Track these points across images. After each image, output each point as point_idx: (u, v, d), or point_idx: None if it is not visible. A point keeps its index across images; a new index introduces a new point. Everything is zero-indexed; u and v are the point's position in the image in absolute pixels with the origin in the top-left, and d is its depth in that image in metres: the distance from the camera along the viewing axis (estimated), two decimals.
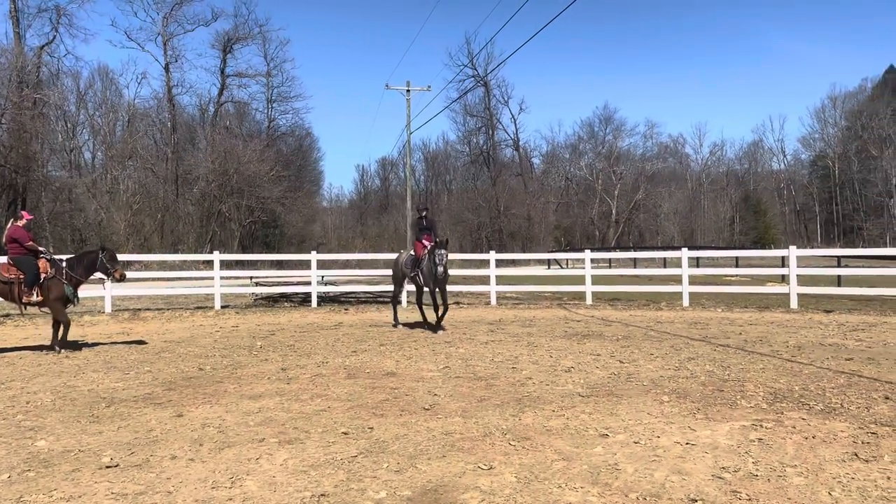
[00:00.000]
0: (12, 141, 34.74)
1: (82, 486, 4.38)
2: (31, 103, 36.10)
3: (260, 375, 8.20)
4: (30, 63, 38.46)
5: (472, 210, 58.86)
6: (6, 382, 7.95)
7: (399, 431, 5.59)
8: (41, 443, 5.40)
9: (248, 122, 53.34)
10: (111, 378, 8.16)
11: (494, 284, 18.09)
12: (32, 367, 9.01)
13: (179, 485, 4.40)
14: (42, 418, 6.21)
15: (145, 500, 4.15)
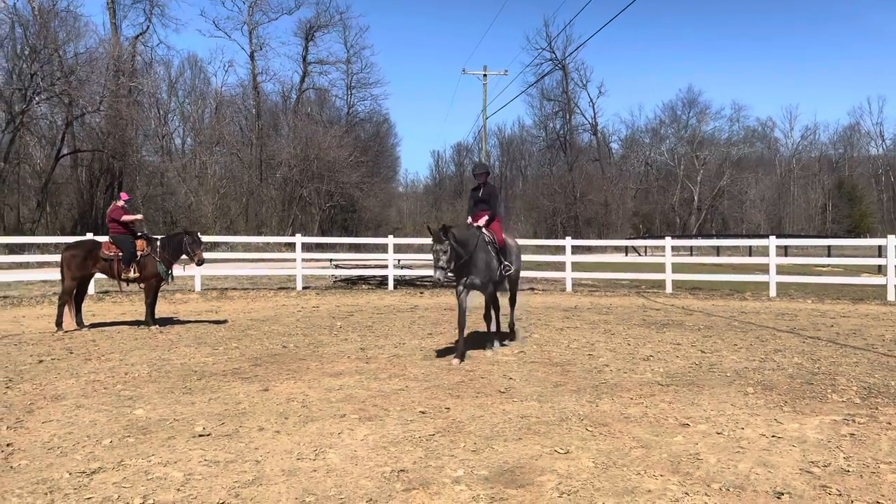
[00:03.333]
0: (110, 127, 36.72)
1: (177, 453, 4.65)
2: (127, 91, 38.02)
3: (340, 354, 8.44)
4: (125, 53, 40.46)
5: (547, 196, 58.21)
6: (106, 355, 8.48)
7: (475, 413, 5.65)
8: (139, 411, 5.76)
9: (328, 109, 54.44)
10: (202, 353, 8.58)
11: (570, 271, 17.89)
12: (129, 341, 9.57)
13: (267, 455, 4.60)
14: (139, 389, 6.60)
15: (235, 467, 4.36)
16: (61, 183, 36.99)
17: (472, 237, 8.06)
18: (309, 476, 4.20)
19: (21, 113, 32.08)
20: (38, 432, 5.13)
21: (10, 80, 32.79)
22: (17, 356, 8.30)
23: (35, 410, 5.76)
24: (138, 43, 43.40)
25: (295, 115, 47.64)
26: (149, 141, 44.31)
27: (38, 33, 32.96)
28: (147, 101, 43.15)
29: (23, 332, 10.40)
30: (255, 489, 3.99)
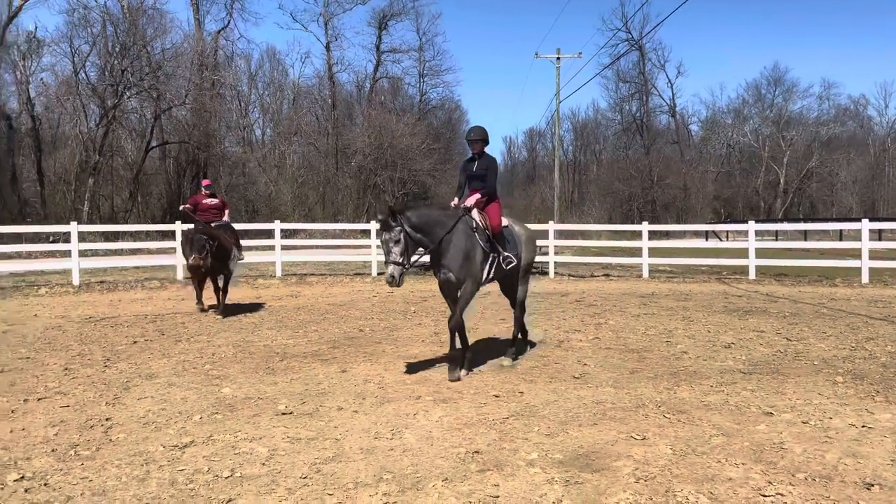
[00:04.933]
0: (195, 119, 38.24)
1: (262, 429, 4.86)
2: (210, 84, 39.45)
3: (414, 338, 8.57)
4: (208, 47, 41.95)
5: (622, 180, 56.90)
6: (195, 336, 8.91)
7: (549, 398, 5.64)
8: (226, 390, 6.03)
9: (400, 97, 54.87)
10: (283, 335, 8.88)
11: (647, 257, 17.49)
12: (216, 324, 10.01)
13: (346, 433, 4.75)
14: (226, 368, 6.91)
15: (316, 444, 4.52)
16: (151, 174, 38.81)
17: (438, 220, 6.36)
18: (386, 454, 4.31)
19: (113, 107, 33.82)
20: (134, 408, 5.46)
21: (102, 76, 34.58)
22: (114, 337, 8.83)
23: (131, 388, 6.13)
24: (220, 37, 44.89)
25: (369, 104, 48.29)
26: (231, 132, 45.86)
27: (128, 31, 34.58)
28: (229, 94, 44.65)
29: (118, 314, 11.03)
30: (336, 465, 4.12)
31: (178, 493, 3.73)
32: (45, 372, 6.76)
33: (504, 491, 3.72)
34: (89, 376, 6.58)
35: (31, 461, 4.23)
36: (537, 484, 3.81)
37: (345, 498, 3.65)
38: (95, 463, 4.20)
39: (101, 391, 5.99)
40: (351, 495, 3.68)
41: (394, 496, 3.67)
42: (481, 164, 7.00)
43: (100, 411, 5.35)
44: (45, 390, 6.02)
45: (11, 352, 7.82)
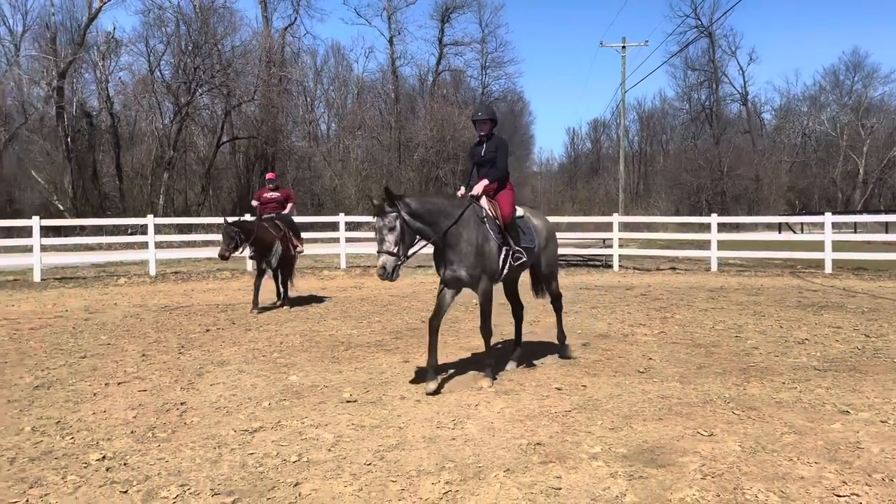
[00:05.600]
0: (263, 115, 39.30)
1: (327, 416, 4.98)
2: (278, 81, 40.43)
3: (476, 330, 8.51)
4: (276, 44, 42.98)
5: (690, 171, 55.35)
6: (264, 326, 9.18)
7: (612, 391, 5.58)
8: (293, 377, 6.20)
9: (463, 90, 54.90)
10: (347, 325, 9.06)
11: (715, 250, 17.00)
12: (283, 314, 10.29)
13: (409, 422, 4.82)
14: (293, 357, 7.10)
15: (380, 432, 4.61)
16: (221, 168, 40.10)
17: (442, 209, 5.68)
18: (448, 444, 4.35)
19: (186, 104, 35.07)
20: (206, 393, 5.68)
21: (176, 74, 35.91)
22: (188, 326, 9.19)
23: (204, 374, 6.37)
24: (287, 34, 45.92)
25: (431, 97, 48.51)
26: (297, 127, 46.89)
27: (200, 30, 35.75)
28: (295, 90, 45.63)
29: (192, 304, 11.47)
30: (399, 453, 4.19)
31: (249, 476, 3.87)
32: (124, 358, 7.10)
33: (566, 483, 3.70)
34: (165, 362, 6.87)
35: (112, 442, 4.46)
36: (600, 477, 3.77)
37: (407, 485, 3.71)
38: (171, 445, 4.39)
39: (176, 377, 6.25)
40: (413, 483, 3.74)
41: (456, 485, 3.70)
42: (489, 147, 6.25)
43: (175, 396, 5.59)
44: (124, 375, 6.33)
45: (94, 338, 8.24)
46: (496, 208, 6.08)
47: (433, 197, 5.90)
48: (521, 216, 6.41)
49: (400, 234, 5.42)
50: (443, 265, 5.81)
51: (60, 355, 7.22)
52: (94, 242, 20.06)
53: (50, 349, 7.56)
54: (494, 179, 6.20)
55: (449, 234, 5.66)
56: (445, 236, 5.66)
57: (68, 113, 32.97)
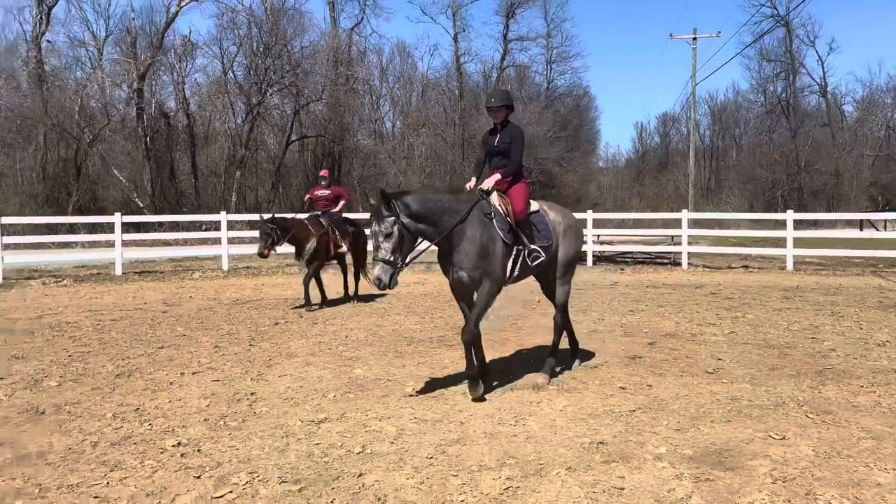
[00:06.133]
0: (330, 114, 40.09)
1: (391, 409, 5.06)
2: (344, 80, 41.12)
3: (538, 327, 8.53)
4: (343, 44, 43.71)
5: (765, 166, 53.32)
6: (330, 320, 9.38)
7: (679, 392, 5.45)
8: (358, 371, 6.32)
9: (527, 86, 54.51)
10: (410, 321, 9.16)
11: (791, 247, 16.34)
12: (349, 308, 10.49)
13: (470, 417, 4.84)
14: (358, 350, 7.24)
15: (442, 427, 4.65)
16: (290, 166, 41.11)
17: (446, 207, 5.23)
18: (509, 440, 4.36)
19: (257, 104, 36.11)
20: (275, 384, 5.86)
21: (248, 75, 37.00)
22: (258, 319, 9.48)
23: (273, 366, 6.57)
24: (353, 34, 46.64)
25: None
26: (363, 125, 47.56)
27: (270, 31, 36.73)
28: (361, 89, 46.28)
29: (262, 298, 11.82)
30: (460, 448, 4.22)
31: (314, 465, 3.97)
32: (198, 349, 7.39)
33: (630, 483, 3.65)
34: (236, 353, 7.12)
35: (187, 429, 4.65)
36: (665, 479, 3.71)
37: (468, 479, 3.73)
38: (241, 433, 4.55)
39: (246, 367, 6.47)
40: (475, 477, 3.76)
41: (517, 481, 3.71)
42: (504, 137, 5.75)
43: (245, 386, 5.79)
44: (198, 365, 6.58)
45: (170, 330, 8.60)
46: (507, 204, 5.57)
47: (436, 193, 5.40)
48: (535, 211, 5.85)
49: (398, 241, 5.00)
50: (449, 268, 5.38)
51: (140, 345, 7.57)
52: (170, 238, 20.92)
53: (130, 339, 7.93)
54: (508, 174, 5.68)
55: (453, 233, 5.23)
56: (450, 236, 5.23)
57: (147, 114, 34.44)
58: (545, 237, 5.73)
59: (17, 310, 10.35)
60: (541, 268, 5.84)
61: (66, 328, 8.69)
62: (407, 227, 5.05)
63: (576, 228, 6.22)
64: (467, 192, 5.61)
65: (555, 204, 6.30)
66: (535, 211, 5.81)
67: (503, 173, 5.66)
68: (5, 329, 8.61)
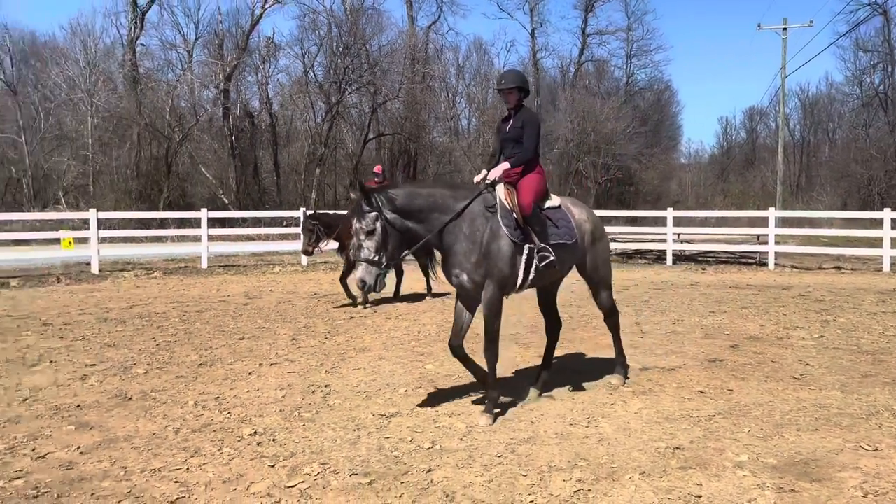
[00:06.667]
0: (407, 112, 40.55)
1: (461, 406, 5.06)
2: (421, 78, 41.47)
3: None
4: (420, 42, 44.08)
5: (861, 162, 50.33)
6: (403, 315, 9.47)
7: (763, 397, 5.21)
8: (429, 366, 6.35)
9: (606, 80, 53.48)
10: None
11: (889, 248, 15.36)
12: (423, 304, 10.56)
13: (541, 417, 4.78)
14: (430, 346, 7.27)
15: (512, 426, 4.61)
16: (368, 164, 41.75)
17: (438, 202, 4.73)
18: (581, 441, 4.27)
19: (336, 103, 36.89)
20: (348, 377, 5.95)
21: (328, 75, 37.85)
22: (334, 313, 9.68)
23: (347, 359, 6.68)
24: (430, 32, 46.97)
25: (572, 88, 47.71)
26: (439, 123, 47.83)
27: (350, 31, 37.43)
28: (438, 86, 46.57)
29: (339, 292, 12.04)
30: (530, 447, 4.17)
31: (384, 459, 4.01)
32: (276, 341, 7.61)
33: (707, 491, 3.51)
34: (312, 346, 7.28)
35: (263, 418, 4.79)
36: (746, 488, 3.54)
37: (538, 480, 3.68)
38: (315, 425, 4.65)
39: (321, 360, 6.61)
40: (544, 478, 3.70)
41: (588, 484, 3.62)
42: (516, 122, 5.18)
43: (320, 378, 5.91)
44: (276, 357, 6.77)
45: (251, 322, 8.89)
46: (514, 197, 4.97)
47: (427, 187, 4.89)
48: (557, 206, 5.30)
49: (381, 239, 4.55)
50: (449, 272, 4.87)
51: (222, 336, 7.86)
52: (253, 233, 21.65)
53: (213, 330, 8.25)
54: (518, 163, 5.08)
55: (446, 232, 4.71)
56: (442, 235, 4.72)
57: (233, 113, 35.75)
58: (565, 234, 5.14)
59: (111, 300, 10.93)
60: (556, 272, 5.18)
61: (154, 318, 9.12)
62: (391, 223, 4.59)
63: (602, 228, 5.76)
64: (469, 186, 5.10)
65: (578, 201, 5.84)
66: (554, 206, 5.29)
67: (512, 162, 5.07)
68: (100, 318, 9.11)
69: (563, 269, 5.31)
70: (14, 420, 4.71)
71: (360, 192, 4.60)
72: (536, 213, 4.99)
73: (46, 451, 4.11)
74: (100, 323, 8.73)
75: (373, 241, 4.54)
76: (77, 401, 5.19)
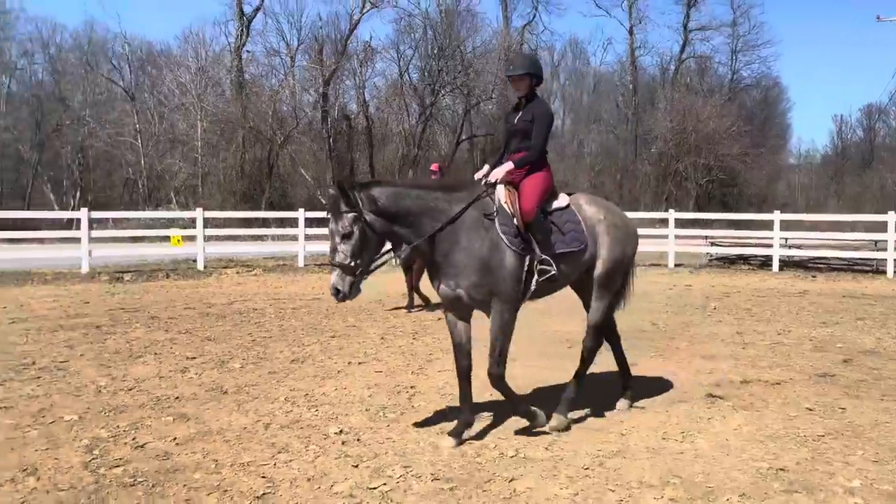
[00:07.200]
0: (500, 112, 40.50)
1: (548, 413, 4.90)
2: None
3: (713, 337, 7.95)
4: (514, 42, 43.89)
5: None
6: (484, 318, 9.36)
7: (879, 417, 4.79)
8: (516, 371, 6.22)
9: (708, 77, 51.35)
10: (572, 323, 8.84)
11: None
12: None
13: (632, 429, 4.57)
14: (517, 350, 7.06)
15: (600, 437, 4.44)
16: (460, 165, 42.04)
17: (428, 205, 4.23)
18: (674, 457, 4.05)
19: (430, 105, 37.34)
20: (434, 379, 5.94)
21: (422, 77, 38.37)
22: (422, 313, 9.74)
23: (433, 360, 6.67)
24: (525, 31, 46.69)
25: (673, 86, 46.13)
26: None
27: (444, 33, 37.77)
28: None
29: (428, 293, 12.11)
30: (619, 461, 3.99)
31: (467, 465, 3.94)
32: (365, 340, 7.70)
33: None
34: (400, 346, 7.33)
35: (349, 417, 4.83)
36: None
37: (627, 496, 3.50)
38: (399, 426, 4.64)
39: (408, 360, 6.63)
40: (634, 494, 3.52)
41: (681, 503, 3.42)
42: (525, 114, 4.57)
43: (406, 379, 5.92)
44: (364, 356, 6.85)
45: (342, 320, 9.07)
46: (515, 200, 4.41)
47: (419, 187, 4.36)
48: (565, 206, 4.62)
49: (358, 243, 4.09)
50: (436, 277, 4.37)
51: (314, 334, 8.04)
52: None
53: (306, 328, 8.46)
54: (524, 164, 4.49)
55: (439, 239, 4.21)
56: (433, 242, 4.23)
57: (331, 116, 36.82)
58: (572, 241, 4.50)
59: (214, 296, 11.44)
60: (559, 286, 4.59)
61: (252, 314, 9.47)
62: (371, 225, 4.10)
63: (624, 228, 4.92)
64: (469, 186, 4.47)
65: (597, 197, 5.13)
66: (562, 207, 4.61)
67: (517, 163, 4.47)
68: (202, 313, 9.55)
69: (568, 280, 4.74)
70: (119, 409, 4.98)
71: (338, 189, 4.09)
72: (539, 220, 4.39)
73: (145, 441, 4.30)
74: (202, 317, 9.15)
75: (349, 245, 4.10)
76: (176, 392, 5.43)
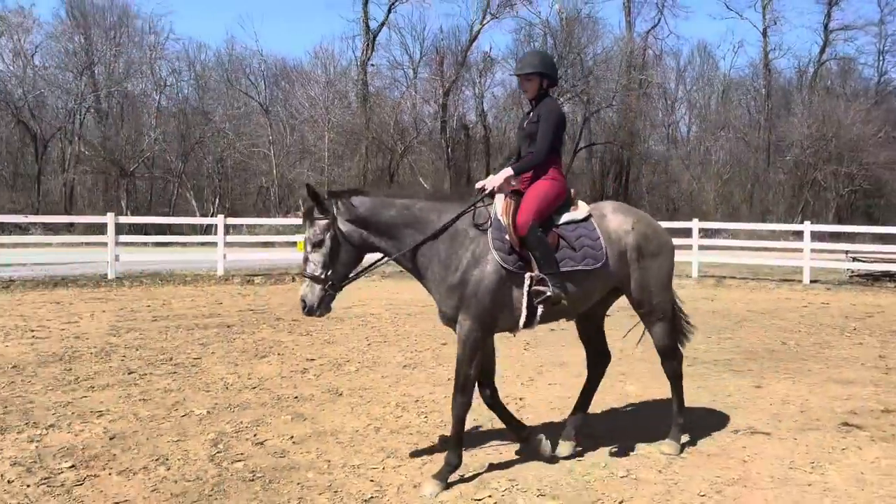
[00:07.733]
0: (621, 120, 39.52)
1: (661, 433, 4.69)
2: (637, 85, 40.15)
3: (851, 360, 7.34)
4: (637, 48, 42.69)
5: None
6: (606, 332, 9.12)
7: None
8: (630, 387, 6.06)
9: (852, 80, 47.58)
10: (694, 339, 8.47)
11: None
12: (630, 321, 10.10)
13: (754, 456, 4.30)
14: (631, 366, 6.89)
15: (719, 462, 4.21)
16: (578, 174, 41.38)
17: (412, 214, 3.89)
18: (802, 489, 3.76)
19: None
20: (543, 392, 5.86)
21: None
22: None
23: (544, 372, 6.59)
24: (649, 36, 45.30)
25: (811, 90, 43.14)
26: (655, 131, 45.94)
27: (565, 41, 37.38)
28: (655, 93, 44.79)
29: None
30: (739, 489, 3.76)
31: (574, 483, 3.85)
32: None
33: None
34: (511, 356, 7.27)
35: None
36: None
37: None
38: (507, 438, 4.60)
39: (518, 372, 6.58)
40: None
41: None
42: (534, 117, 4.17)
43: (516, 390, 5.88)
44: None
45: None
46: (508, 211, 3.95)
47: (406, 197, 4.01)
48: (582, 218, 4.14)
49: (329, 253, 3.78)
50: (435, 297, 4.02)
51: (427, 340, 8.17)
52: None
53: (420, 334, 8.61)
54: (524, 169, 4.07)
55: (420, 253, 3.89)
56: (416, 257, 3.91)
57: (449, 126, 37.42)
58: (584, 258, 4.00)
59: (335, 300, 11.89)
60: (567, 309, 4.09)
61: (369, 319, 9.76)
62: (346, 235, 3.80)
63: (658, 240, 4.39)
64: (465, 196, 4.07)
65: (625, 205, 4.59)
66: (578, 219, 4.12)
67: (516, 168, 4.06)
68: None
69: (584, 303, 4.24)
70: (243, 406, 5.28)
71: (311, 195, 3.81)
72: (535, 234, 3.86)
73: (265, 438, 4.53)
74: (322, 321, 9.52)
75: (319, 255, 3.80)
76: (296, 392, 5.68)
